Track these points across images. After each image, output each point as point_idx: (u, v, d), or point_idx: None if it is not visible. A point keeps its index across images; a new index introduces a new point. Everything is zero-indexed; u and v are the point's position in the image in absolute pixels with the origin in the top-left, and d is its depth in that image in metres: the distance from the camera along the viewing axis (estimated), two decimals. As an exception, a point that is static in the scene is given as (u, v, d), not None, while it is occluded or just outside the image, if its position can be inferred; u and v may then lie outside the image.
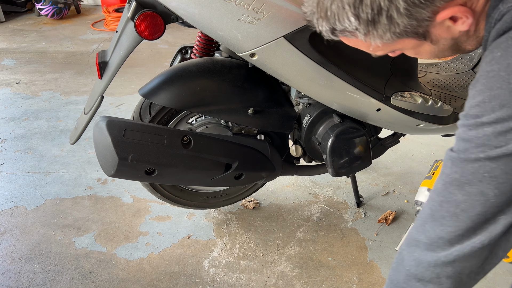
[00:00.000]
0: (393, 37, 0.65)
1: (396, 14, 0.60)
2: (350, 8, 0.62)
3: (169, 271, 1.51)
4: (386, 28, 0.63)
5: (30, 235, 1.68)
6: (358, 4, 0.61)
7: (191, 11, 1.04)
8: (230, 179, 1.32)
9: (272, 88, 1.35)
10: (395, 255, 1.55)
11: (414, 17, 0.61)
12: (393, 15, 0.61)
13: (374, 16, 0.61)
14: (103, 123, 1.11)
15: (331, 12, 0.64)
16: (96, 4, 5.03)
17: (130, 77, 3.05)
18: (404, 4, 0.59)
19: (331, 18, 0.65)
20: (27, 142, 2.29)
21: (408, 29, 0.63)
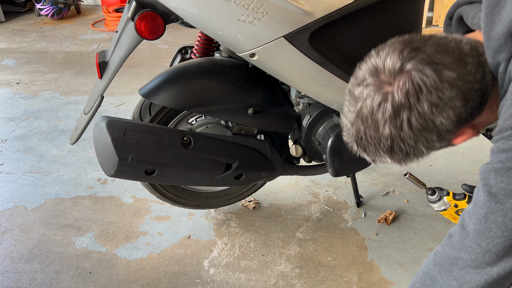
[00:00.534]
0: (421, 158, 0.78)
1: (420, 153, 0.72)
2: (385, 154, 0.72)
3: (169, 271, 1.51)
4: (414, 159, 0.75)
5: (30, 235, 1.68)
6: (390, 151, 0.71)
7: (191, 11, 1.04)
8: (230, 179, 1.32)
9: (272, 88, 1.35)
10: (396, 255, 1.55)
11: (435, 148, 0.73)
12: (418, 154, 0.72)
13: (404, 157, 0.73)
14: (103, 123, 1.11)
15: (370, 151, 0.74)
16: (96, 4, 5.03)
17: (130, 77, 3.05)
18: (424, 149, 0.70)
19: (370, 155, 0.75)
20: (27, 142, 2.29)
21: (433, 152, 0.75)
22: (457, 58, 0.66)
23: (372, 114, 0.69)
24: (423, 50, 0.67)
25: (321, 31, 1.07)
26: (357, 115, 0.71)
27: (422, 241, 1.61)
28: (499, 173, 0.62)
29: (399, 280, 1.46)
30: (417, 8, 1.17)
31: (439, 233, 1.64)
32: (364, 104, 0.70)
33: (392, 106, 0.66)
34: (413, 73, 0.65)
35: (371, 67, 0.70)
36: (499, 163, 0.62)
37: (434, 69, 0.65)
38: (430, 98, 0.65)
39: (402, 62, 0.66)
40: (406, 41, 0.70)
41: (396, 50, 0.68)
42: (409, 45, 0.68)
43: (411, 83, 0.65)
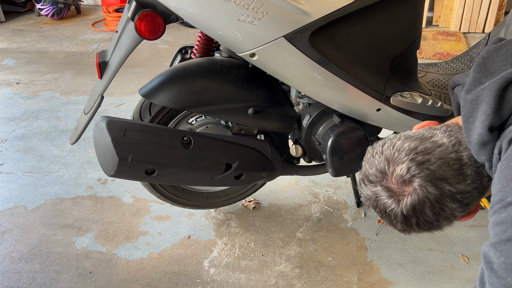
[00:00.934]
0: None
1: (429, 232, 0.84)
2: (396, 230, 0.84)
3: (169, 271, 1.51)
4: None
5: (30, 235, 1.68)
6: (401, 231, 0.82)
7: (191, 11, 1.04)
8: (230, 179, 1.32)
9: (272, 88, 1.35)
10: (396, 255, 1.55)
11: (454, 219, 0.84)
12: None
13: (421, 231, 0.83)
14: (103, 123, 1.11)
15: (384, 219, 0.85)
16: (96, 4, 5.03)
17: (130, 77, 3.05)
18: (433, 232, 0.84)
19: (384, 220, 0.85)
20: (27, 142, 2.29)
21: None
22: (457, 172, 0.78)
23: (385, 212, 0.82)
24: (427, 165, 0.77)
25: (321, 31, 1.07)
26: (372, 200, 0.84)
27: (422, 241, 1.61)
28: (497, 247, 0.63)
29: (399, 280, 1.46)
30: (417, 8, 1.17)
31: (439, 233, 1.64)
32: (379, 201, 0.83)
33: (402, 213, 0.79)
34: (418, 189, 0.77)
35: (380, 169, 0.82)
36: (496, 237, 0.64)
37: (436, 187, 0.76)
38: (434, 210, 0.77)
39: (410, 177, 0.77)
40: (413, 149, 0.79)
41: (404, 162, 0.78)
42: (416, 156, 0.78)
43: (417, 197, 0.77)
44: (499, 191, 0.66)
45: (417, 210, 0.78)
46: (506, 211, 0.63)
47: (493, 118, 0.73)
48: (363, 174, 0.86)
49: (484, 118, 0.74)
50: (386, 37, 1.16)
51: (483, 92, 0.76)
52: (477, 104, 0.76)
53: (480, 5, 3.61)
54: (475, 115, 0.76)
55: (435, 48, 3.41)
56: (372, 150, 0.87)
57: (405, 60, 1.23)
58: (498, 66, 0.79)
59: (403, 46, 1.19)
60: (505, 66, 0.78)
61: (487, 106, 0.74)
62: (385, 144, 0.84)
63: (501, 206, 0.64)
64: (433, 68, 1.61)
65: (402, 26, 1.16)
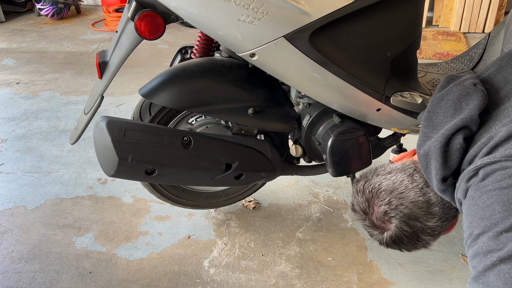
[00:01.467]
0: None
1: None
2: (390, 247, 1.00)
3: (169, 271, 1.51)
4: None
5: (30, 235, 1.68)
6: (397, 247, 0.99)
7: (191, 11, 1.04)
8: (230, 179, 1.32)
9: (272, 88, 1.35)
10: (396, 255, 1.55)
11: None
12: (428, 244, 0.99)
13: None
14: (103, 123, 1.11)
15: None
16: (96, 4, 5.03)
17: (130, 77, 3.05)
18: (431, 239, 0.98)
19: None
20: (27, 142, 2.29)
21: None
22: (427, 212, 0.93)
23: (372, 236, 1.00)
24: (401, 209, 0.92)
25: (321, 31, 1.07)
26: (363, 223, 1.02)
27: (422, 241, 1.61)
28: (478, 280, 0.65)
29: (399, 280, 1.46)
30: (417, 8, 1.17)
31: (439, 233, 1.64)
32: (366, 228, 1.01)
33: (385, 242, 0.97)
34: (394, 228, 0.93)
35: (363, 209, 0.99)
36: (474, 270, 0.67)
37: (409, 225, 0.92)
38: (411, 242, 0.95)
39: (388, 218, 0.94)
40: (390, 193, 0.95)
41: (381, 205, 0.95)
42: (392, 200, 0.93)
43: (394, 233, 0.94)
44: (468, 228, 0.73)
45: (396, 242, 0.95)
46: (477, 243, 0.68)
47: (443, 171, 0.83)
48: (352, 207, 1.04)
49: (435, 172, 0.84)
50: (386, 37, 1.15)
51: (430, 148, 0.86)
52: (429, 159, 0.87)
53: (480, 5, 3.62)
54: (429, 167, 0.87)
55: (435, 48, 3.41)
56: (356, 186, 1.03)
57: (405, 60, 1.23)
58: (440, 119, 0.90)
59: (403, 46, 1.19)
60: (446, 119, 0.88)
61: (436, 162, 0.84)
62: (366, 183, 1.00)
63: (472, 240, 0.71)
64: (433, 68, 1.61)
65: (402, 26, 1.16)
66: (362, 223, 1.01)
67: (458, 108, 0.88)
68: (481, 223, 0.70)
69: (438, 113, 0.91)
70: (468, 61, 1.61)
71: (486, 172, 0.74)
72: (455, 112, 0.88)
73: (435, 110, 0.93)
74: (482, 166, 0.76)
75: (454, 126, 0.84)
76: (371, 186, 0.98)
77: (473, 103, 0.86)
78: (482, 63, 1.56)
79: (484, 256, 0.66)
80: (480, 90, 0.88)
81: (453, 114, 0.88)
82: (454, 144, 0.83)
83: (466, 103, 0.87)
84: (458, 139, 0.83)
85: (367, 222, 0.99)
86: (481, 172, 0.76)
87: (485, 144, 0.79)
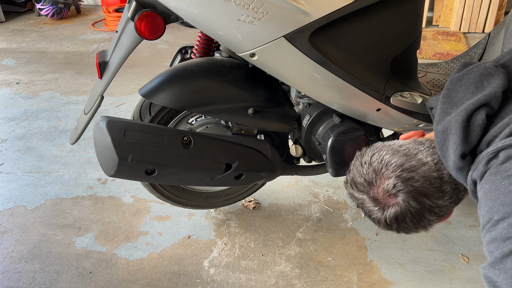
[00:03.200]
0: None
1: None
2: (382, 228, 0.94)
3: (169, 271, 1.51)
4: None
5: (30, 235, 1.68)
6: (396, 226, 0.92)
7: (191, 11, 1.04)
8: (230, 179, 1.32)
9: (272, 88, 1.35)
10: (396, 255, 1.55)
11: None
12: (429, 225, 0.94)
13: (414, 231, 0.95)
14: (103, 123, 1.11)
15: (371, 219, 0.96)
16: (96, 4, 5.02)
17: (130, 77, 3.05)
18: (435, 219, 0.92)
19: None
20: (27, 142, 2.29)
21: None
22: (438, 189, 0.87)
23: (370, 215, 0.94)
24: (411, 182, 0.86)
25: (321, 31, 1.07)
26: (359, 201, 0.94)
27: (422, 241, 1.61)
28: (494, 266, 0.65)
29: (399, 280, 1.46)
30: (417, 8, 1.17)
31: (439, 233, 1.64)
32: (365, 205, 0.93)
33: (385, 220, 0.91)
34: (402, 203, 0.87)
35: (368, 180, 0.91)
36: (491, 256, 0.67)
37: (418, 201, 0.86)
38: (414, 220, 0.89)
39: (395, 192, 0.87)
40: (400, 166, 0.88)
41: (391, 178, 0.88)
42: (402, 173, 0.87)
43: (400, 209, 0.88)
44: (487, 212, 0.72)
45: (399, 219, 0.89)
46: (496, 229, 0.68)
47: (463, 147, 0.81)
48: (351, 179, 0.96)
49: (455, 148, 0.81)
50: (386, 37, 1.16)
51: (450, 123, 0.84)
52: (447, 135, 0.84)
53: (480, 5, 3.61)
54: (447, 144, 0.84)
55: (435, 48, 3.41)
56: (361, 158, 0.96)
57: (405, 60, 1.23)
58: (461, 96, 0.87)
59: (403, 46, 1.19)
60: (467, 95, 0.86)
61: (456, 136, 0.82)
62: (374, 155, 0.93)
63: (491, 225, 0.70)
64: (433, 68, 1.61)
65: (402, 26, 1.16)
66: (362, 197, 0.93)
67: (480, 86, 0.86)
68: (501, 209, 0.68)
69: (458, 91, 0.89)
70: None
71: (508, 154, 0.73)
72: (477, 89, 0.86)
73: (455, 88, 0.90)
74: (503, 148, 0.74)
75: (477, 101, 0.82)
76: (381, 158, 0.91)
77: (496, 81, 0.84)
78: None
79: (502, 242, 0.65)
80: (501, 71, 0.86)
81: (475, 91, 0.86)
82: (476, 120, 0.81)
83: (488, 82, 0.85)
84: (481, 115, 0.81)
85: (370, 196, 0.91)
86: (501, 154, 0.74)
87: (507, 125, 0.77)
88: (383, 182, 0.89)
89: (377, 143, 1.00)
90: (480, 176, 0.78)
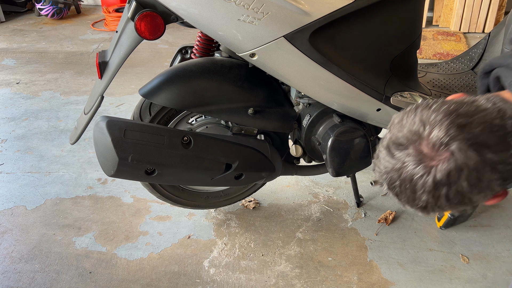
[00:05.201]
0: None
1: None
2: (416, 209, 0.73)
3: (169, 271, 1.51)
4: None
5: (30, 235, 1.68)
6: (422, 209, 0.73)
7: (191, 11, 1.04)
8: (230, 179, 1.32)
9: (272, 88, 1.35)
10: (396, 255, 1.55)
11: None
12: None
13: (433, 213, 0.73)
14: (103, 123, 1.11)
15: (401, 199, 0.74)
16: (96, 4, 5.02)
17: (130, 77, 3.05)
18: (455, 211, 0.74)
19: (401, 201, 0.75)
20: (27, 142, 2.29)
21: None
22: (501, 139, 0.68)
23: (411, 181, 0.71)
24: (469, 128, 0.68)
25: (321, 31, 1.07)
26: (394, 170, 0.72)
27: (422, 241, 1.61)
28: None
29: (399, 280, 1.46)
30: (417, 8, 1.17)
31: (439, 233, 1.64)
32: (404, 169, 0.71)
33: (433, 181, 0.68)
34: (456, 153, 0.67)
35: (414, 130, 0.71)
36: None
37: (477, 152, 0.67)
38: (470, 179, 0.67)
39: (448, 140, 0.67)
40: (454, 111, 0.70)
41: (443, 124, 0.69)
42: (457, 119, 0.69)
43: (454, 163, 0.67)
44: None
45: (451, 178, 0.68)
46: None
47: None
48: (387, 141, 0.75)
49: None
50: (386, 37, 1.16)
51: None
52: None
53: (480, 5, 3.61)
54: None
55: (435, 48, 3.41)
56: (402, 114, 0.75)
57: (405, 60, 1.23)
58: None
59: (403, 46, 1.19)
60: None
61: None
62: (419, 107, 0.74)
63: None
64: (433, 68, 1.61)
65: (402, 26, 1.16)
66: (399, 158, 0.72)
67: None
68: None
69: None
70: (468, 61, 1.61)
71: None
72: None
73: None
74: None
75: None
76: (429, 106, 0.73)
77: None
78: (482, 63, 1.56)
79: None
80: None
81: None
82: None
83: None
84: None
85: (415, 149, 0.70)
86: None
87: None
88: (433, 129, 0.69)
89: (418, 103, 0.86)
90: None
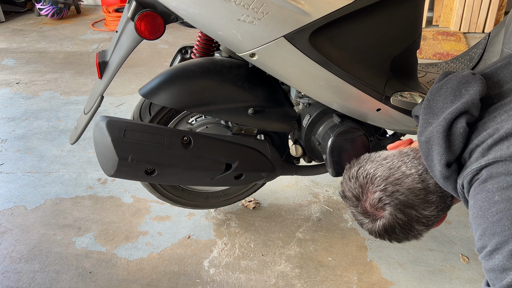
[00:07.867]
0: None
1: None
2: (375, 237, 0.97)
3: (169, 271, 1.51)
4: None
5: (30, 235, 1.68)
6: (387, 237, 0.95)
7: (191, 11, 1.04)
8: (230, 179, 1.32)
9: (272, 88, 1.35)
10: (396, 255, 1.55)
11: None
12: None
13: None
14: (103, 123, 1.11)
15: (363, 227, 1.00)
16: (96, 4, 5.02)
17: (130, 77, 3.05)
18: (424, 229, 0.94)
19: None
20: (27, 142, 2.29)
21: None
22: (424, 200, 0.89)
23: (362, 226, 0.97)
24: (397, 195, 0.88)
25: (321, 31, 1.07)
26: (352, 211, 0.99)
27: (422, 241, 1.61)
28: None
29: (399, 280, 1.46)
30: (417, 8, 1.17)
31: (439, 233, 1.64)
32: (356, 216, 0.98)
33: (376, 231, 0.93)
34: (389, 216, 0.90)
35: (355, 195, 0.95)
36: (492, 285, 0.69)
37: (405, 213, 0.89)
38: (403, 231, 0.91)
39: (382, 205, 0.90)
40: (384, 180, 0.91)
41: (376, 191, 0.90)
42: (387, 186, 0.89)
43: (388, 222, 0.90)
44: (479, 239, 0.73)
45: (388, 231, 0.91)
46: (491, 260, 0.70)
47: (447, 156, 0.81)
48: (342, 193, 1.00)
49: (439, 158, 0.82)
50: (386, 37, 1.15)
51: (432, 134, 0.85)
52: (430, 145, 0.85)
53: (480, 5, 3.61)
54: (431, 154, 0.85)
55: (435, 48, 3.41)
56: (349, 171, 0.99)
57: (405, 60, 1.23)
58: (440, 105, 0.89)
59: (403, 46, 1.19)
60: (446, 105, 0.87)
61: (439, 146, 0.82)
62: (360, 169, 0.96)
63: (485, 254, 0.72)
64: (433, 68, 1.61)
65: (402, 26, 1.16)
66: (353, 210, 0.97)
67: (458, 95, 0.87)
68: (493, 239, 0.70)
69: (437, 101, 0.90)
70: (468, 61, 1.61)
71: (490, 173, 0.73)
72: (455, 98, 0.86)
73: (435, 98, 0.91)
74: (485, 166, 0.74)
75: (455, 110, 0.82)
76: (366, 172, 0.94)
77: (473, 89, 0.85)
78: (482, 63, 1.56)
79: (500, 273, 0.68)
80: (478, 78, 0.87)
81: (453, 100, 0.86)
82: (457, 129, 0.82)
83: (466, 89, 0.86)
84: (461, 123, 0.82)
85: (359, 209, 0.95)
86: (484, 172, 0.75)
87: (490, 136, 0.77)
88: (369, 196, 0.92)
89: (364, 156, 1.02)
90: (467, 192, 0.80)
